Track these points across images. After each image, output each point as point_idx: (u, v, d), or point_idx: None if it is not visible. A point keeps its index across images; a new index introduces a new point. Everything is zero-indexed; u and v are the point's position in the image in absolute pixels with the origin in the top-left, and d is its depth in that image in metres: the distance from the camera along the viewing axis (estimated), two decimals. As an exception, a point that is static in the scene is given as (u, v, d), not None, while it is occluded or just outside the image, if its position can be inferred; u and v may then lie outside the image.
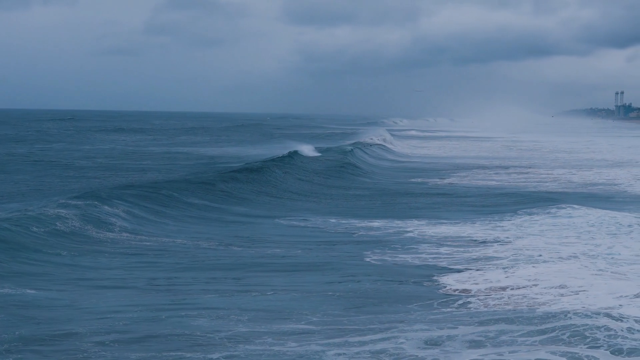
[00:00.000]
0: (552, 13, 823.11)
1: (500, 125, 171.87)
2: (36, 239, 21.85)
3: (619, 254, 21.77)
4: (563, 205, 30.85)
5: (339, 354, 12.68)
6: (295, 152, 52.98)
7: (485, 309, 15.84)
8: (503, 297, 16.84)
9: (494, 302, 16.41)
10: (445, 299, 16.77)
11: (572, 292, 17.12)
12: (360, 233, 25.95)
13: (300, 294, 17.06)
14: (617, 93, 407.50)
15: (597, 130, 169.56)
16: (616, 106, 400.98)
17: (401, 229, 26.56)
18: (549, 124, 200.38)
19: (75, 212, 24.88)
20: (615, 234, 25.17)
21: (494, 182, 44.78)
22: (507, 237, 24.61)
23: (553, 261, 20.56)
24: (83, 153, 65.74)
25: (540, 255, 21.37)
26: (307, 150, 57.32)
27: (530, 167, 56.43)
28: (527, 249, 22.38)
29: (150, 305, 16.10)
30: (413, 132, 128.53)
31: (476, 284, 18.20)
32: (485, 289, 17.58)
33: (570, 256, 21.30)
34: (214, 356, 12.71)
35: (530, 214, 29.40)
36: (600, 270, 19.43)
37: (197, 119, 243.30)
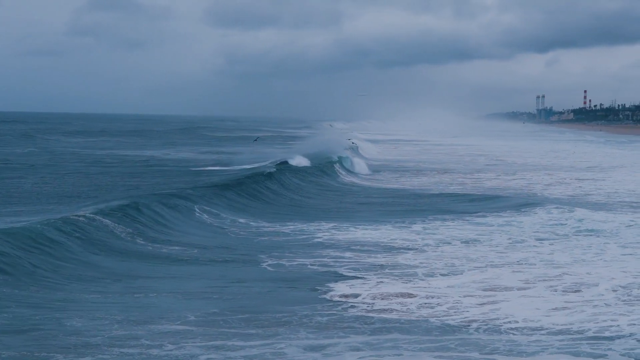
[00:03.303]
0: (473, 17, 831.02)
1: (426, 128, 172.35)
2: None
3: (535, 264, 21.42)
4: (485, 214, 30.99)
5: (215, 357, 12.56)
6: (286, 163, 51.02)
7: (377, 317, 15.74)
8: (403, 306, 16.62)
9: (390, 311, 16.23)
10: (335, 306, 16.61)
11: (481, 302, 17.02)
12: (264, 237, 25.63)
13: (184, 296, 17.07)
14: (538, 97, 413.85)
15: (524, 134, 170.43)
16: (537, 110, 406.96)
17: (311, 233, 26.37)
18: (474, 127, 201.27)
19: None
20: (529, 241, 25.09)
21: (418, 185, 44.59)
22: (419, 243, 24.48)
23: (465, 271, 20.41)
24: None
25: (452, 264, 21.21)
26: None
27: (448, 171, 56.25)
28: (438, 256, 22.31)
29: (26, 302, 15.93)
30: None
31: (372, 291, 17.97)
32: (382, 297, 17.39)
33: (486, 264, 21.21)
34: (85, 359, 12.55)
35: (444, 220, 29.31)
36: (515, 279, 19.32)
37: (127, 121, 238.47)
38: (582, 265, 20.80)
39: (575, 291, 17.80)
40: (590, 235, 25.91)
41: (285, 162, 50.28)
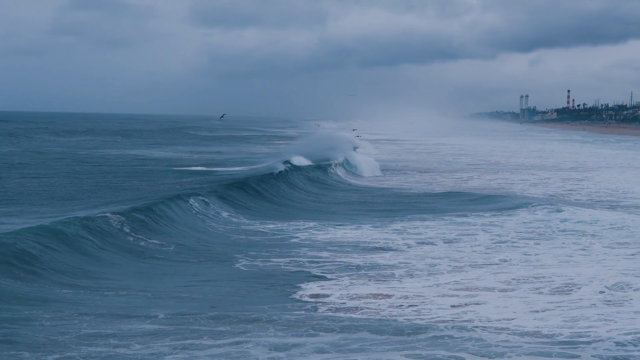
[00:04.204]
0: (456, 17, 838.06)
1: (410, 128, 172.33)
2: None
3: (517, 264, 21.29)
4: (467, 213, 30.79)
5: (183, 357, 12.55)
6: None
7: (346, 316, 15.60)
8: (376, 306, 16.49)
9: (361, 311, 16.08)
10: (305, 305, 16.50)
11: (457, 302, 16.85)
12: (241, 236, 25.42)
13: (154, 295, 16.99)
14: (522, 96, 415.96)
15: (510, 134, 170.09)
16: (521, 109, 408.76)
17: (289, 232, 26.19)
18: (458, 127, 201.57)
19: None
20: (512, 241, 24.87)
21: (402, 185, 44.17)
22: (399, 243, 24.27)
23: (444, 271, 20.22)
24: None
25: (431, 264, 21.03)
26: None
27: (430, 170, 55.90)
28: (417, 257, 22.09)
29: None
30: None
31: (345, 291, 17.83)
32: (355, 297, 17.26)
33: (466, 265, 21.03)
34: (52, 357, 12.41)
35: (425, 219, 29.07)
36: (495, 280, 19.15)
37: (112, 120, 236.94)
38: (565, 266, 20.74)
39: (558, 292, 17.74)
40: (574, 235, 25.72)
41: (288, 162, 49.57)
